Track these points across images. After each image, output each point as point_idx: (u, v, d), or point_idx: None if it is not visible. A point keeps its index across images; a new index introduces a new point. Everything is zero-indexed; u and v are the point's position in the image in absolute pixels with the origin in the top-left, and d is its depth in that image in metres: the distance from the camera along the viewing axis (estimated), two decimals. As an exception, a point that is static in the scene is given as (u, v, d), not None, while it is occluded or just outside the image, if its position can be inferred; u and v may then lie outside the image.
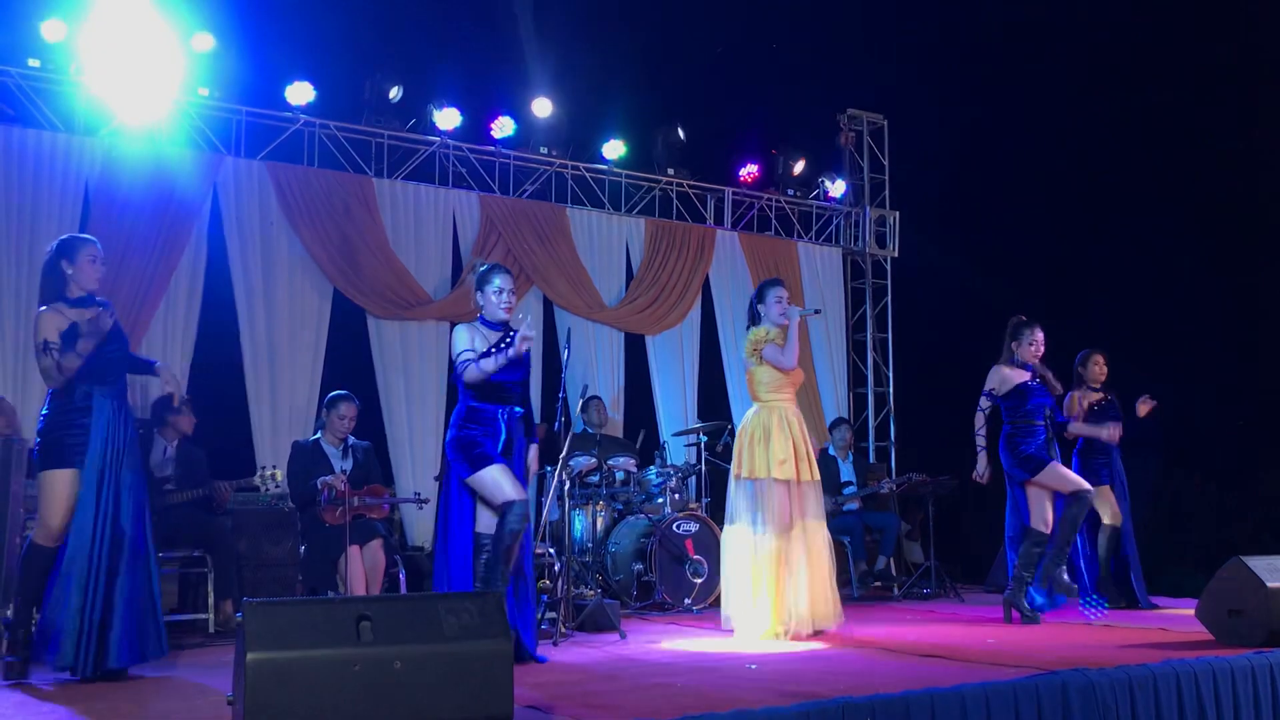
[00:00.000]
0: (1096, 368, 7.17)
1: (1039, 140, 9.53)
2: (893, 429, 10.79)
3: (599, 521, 7.62)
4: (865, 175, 10.89)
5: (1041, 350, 6.42)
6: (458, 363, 4.99)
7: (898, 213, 10.93)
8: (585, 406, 8.32)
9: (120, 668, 4.48)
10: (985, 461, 6.53)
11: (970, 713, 3.70)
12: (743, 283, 9.73)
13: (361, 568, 6.08)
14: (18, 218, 7.15)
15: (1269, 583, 5.04)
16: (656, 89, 9.78)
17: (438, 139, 8.70)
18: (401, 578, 6.65)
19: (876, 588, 8.47)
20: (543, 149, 9.17)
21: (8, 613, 4.68)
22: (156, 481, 6.23)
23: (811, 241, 10.64)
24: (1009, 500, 6.54)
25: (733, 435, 6.28)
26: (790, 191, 10.47)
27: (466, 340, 5.00)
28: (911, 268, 10.84)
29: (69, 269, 4.61)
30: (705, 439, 8.15)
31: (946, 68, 9.69)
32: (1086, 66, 9.23)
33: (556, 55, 9.19)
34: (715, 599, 6.08)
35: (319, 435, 6.49)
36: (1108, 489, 7.04)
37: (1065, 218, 9.43)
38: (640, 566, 7.23)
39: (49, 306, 4.60)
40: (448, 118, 8.65)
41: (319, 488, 6.19)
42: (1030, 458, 6.29)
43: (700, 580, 7.16)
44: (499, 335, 5.08)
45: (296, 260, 8.06)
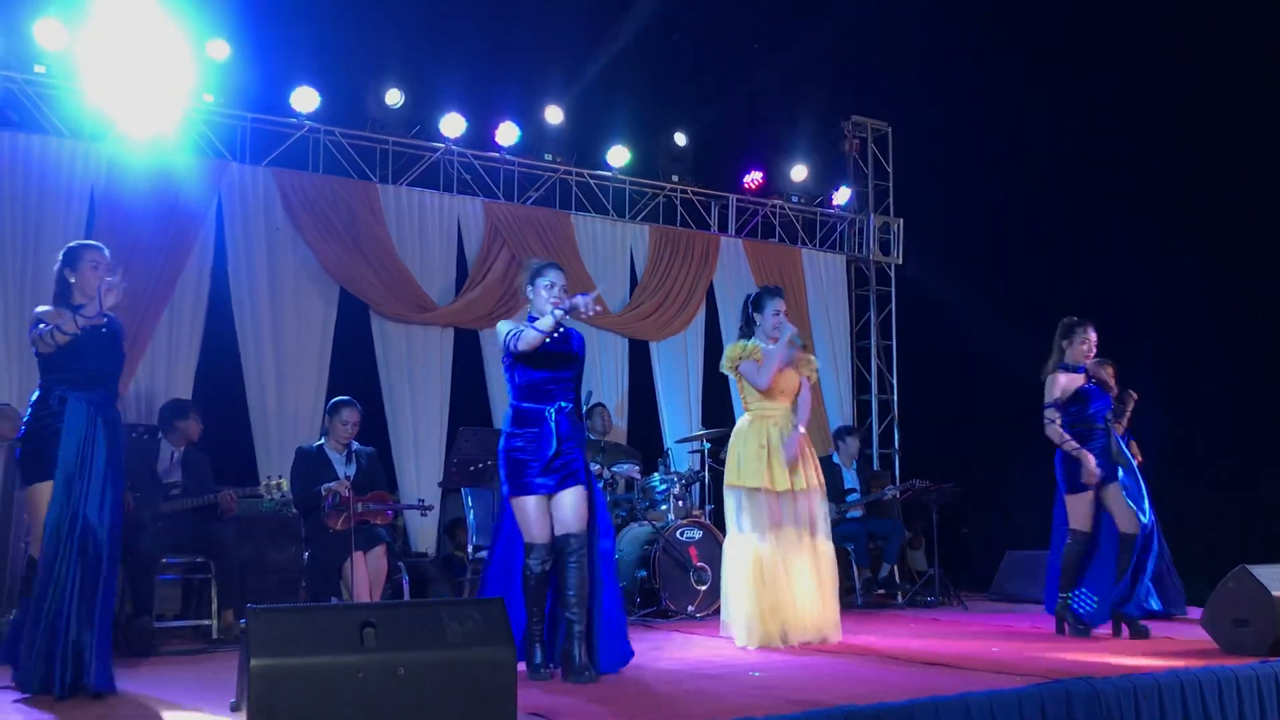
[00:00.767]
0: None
1: (1043, 147, 9.51)
2: (896, 436, 10.78)
3: (603, 528, 7.60)
4: (869, 182, 10.90)
5: (1094, 350, 6.15)
6: (507, 340, 4.72)
7: (902, 220, 10.94)
8: (589, 413, 8.31)
9: (99, 690, 4.18)
10: (1091, 459, 6.00)
11: (974, 722, 3.69)
12: (747, 289, 9.62)
13: (365, 574, 6.09)
14: (23, 224, 7.18)
15: (1274, 591, 5.03)
16: (661, 96, 9.78)
17: (442, 145, 8.72)
18: (405, 584, 6.66)
19: (880, 595, 8.46)
20: (547, 155, 9.19)
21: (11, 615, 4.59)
22: (162, 487, 6.23)
23: (815, 248, 10.64)
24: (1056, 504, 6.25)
25: None
26: (794, 198, 10.49)
27: (511, 325, 4.79)
28: (915, 275, 10.85)
29: (72, 277, 4.51)
30: (709, 446, 8.14)
31: (950, 75, 9.68)
32: (1090, 71, 9.22)
33: (561, 62, 9.20)
34: (719, 606, 6.07)
35: (323, 441, 6.50)
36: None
37: (1070, 224, 9.41)
38: (644, 573, 7.23)
39: (53, 307, 4.50)
40: (452, 124, 8.67)
41: (323, 494, 6.20)
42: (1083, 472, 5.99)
43: (704, 587, 7.15)
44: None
45: (301, 267, 8.08)
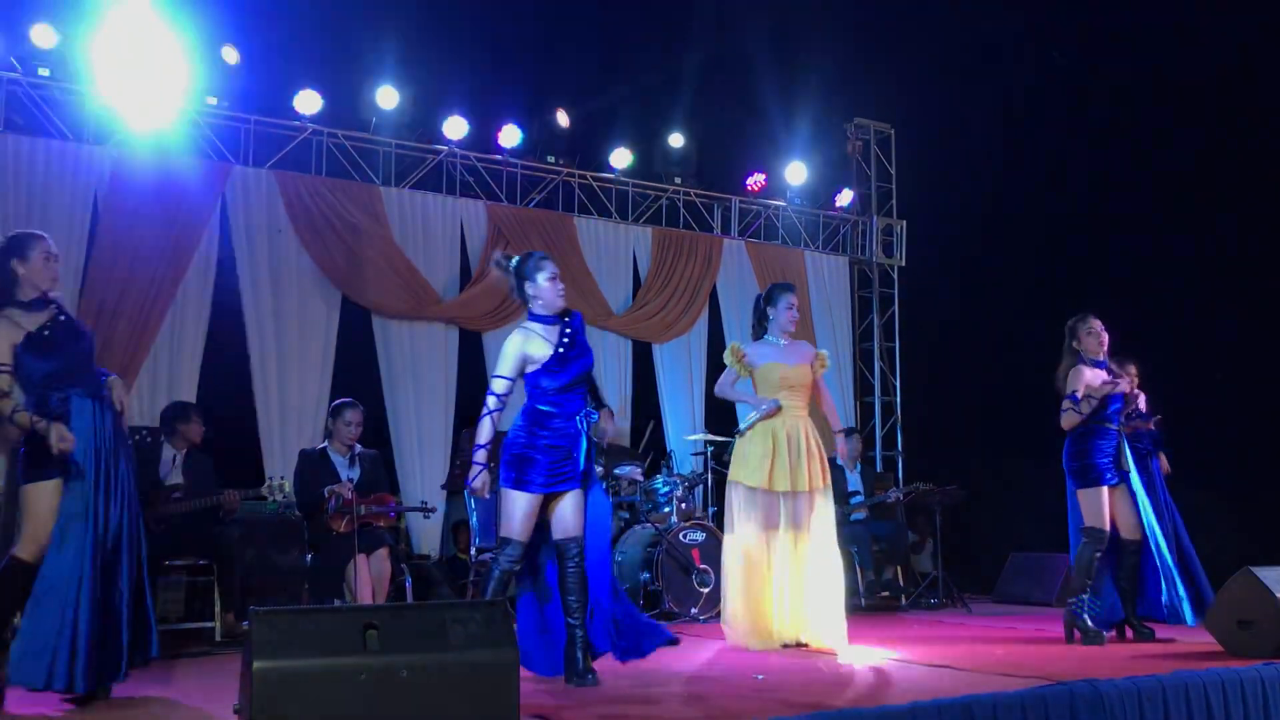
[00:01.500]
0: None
1: (1046, 149, 9.52)
2: (900, 438, 10.77)
3: (605, 530, 7.60)
4: (872, 184, 10.90)
5: (1105, 338, 5.94)
6: (489, 387, 4.53)
7: (905, 222, 10.93)
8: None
9: (122, 678, 4.11)
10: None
11: (978, 724, 3.68)
12: (750, 291, 9.69)
13: (368, 576, 6.08)
14: (27, 226, 7.05)
15: (1278, 593, 5.02)
16: (664, 98, 9.79)
17: (445, 148, 8.72)
18: (408, 586, 6.66)
19: (884, 598, 8.44)
20: (550, 158, 9.19)
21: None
22: (165, 489, 6.23)
23: (818, 250, 10.64)
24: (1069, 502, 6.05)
25: None
26: (797, 200, 10.48)
27: (515, 354, 4.48)
28: (918, 277, 10.83)
29: (21, 268, 4.18)
30: (712, 448, 8.14)
31: (953, 77, 9.69)
32: (1092, 73, 9.22)
33: (564, 65, 9.20)
34: (721, 609, 6.07)
35: (326, 444, 6.50)
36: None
37: (1073, 227, 9.41)
38: (647, 575, 7.22)
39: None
40: (455, 127, 8.67)
41: (326, 496, 6.20)
42: (1092, 466, 5.82)
43: (707, 590, 7.14)
44: (557, 329, 4.57)
45: (305, 269, 8.08)
